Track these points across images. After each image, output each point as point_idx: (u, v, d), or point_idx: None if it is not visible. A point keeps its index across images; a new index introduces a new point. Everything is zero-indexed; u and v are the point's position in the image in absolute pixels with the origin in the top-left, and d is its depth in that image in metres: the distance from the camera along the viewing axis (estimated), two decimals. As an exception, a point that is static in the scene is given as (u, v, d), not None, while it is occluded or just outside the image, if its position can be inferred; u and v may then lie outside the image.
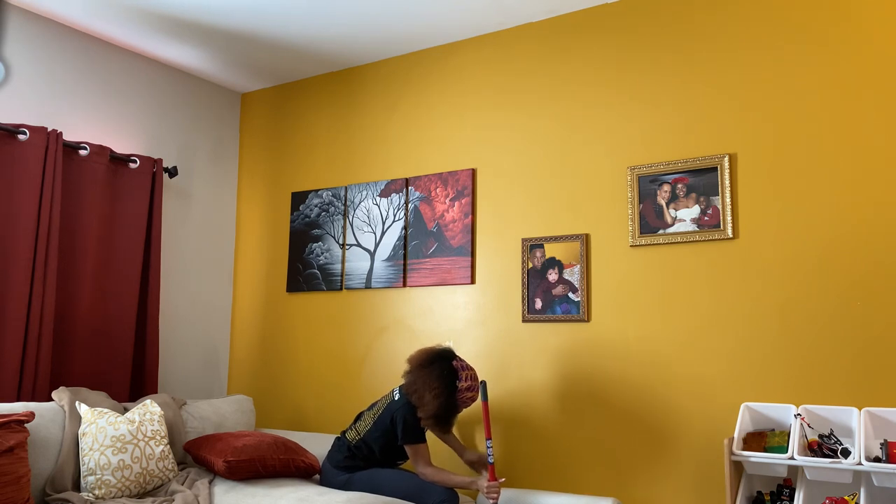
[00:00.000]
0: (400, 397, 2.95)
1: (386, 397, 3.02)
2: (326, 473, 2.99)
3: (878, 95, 2.69)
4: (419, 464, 2.84)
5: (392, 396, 2.99)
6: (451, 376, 2.83)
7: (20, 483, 2.48)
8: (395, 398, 2.96)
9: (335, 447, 3.03)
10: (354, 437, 2.97)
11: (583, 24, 3.36)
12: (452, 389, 2.82)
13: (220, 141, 4.40)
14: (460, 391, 2.84)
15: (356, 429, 3.00)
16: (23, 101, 3.42)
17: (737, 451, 2.51)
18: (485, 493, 2.76)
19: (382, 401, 3.01)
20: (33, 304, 3.21)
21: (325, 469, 3.01)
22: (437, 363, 2.87)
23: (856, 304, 2.64)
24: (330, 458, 3.00)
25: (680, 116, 3.07)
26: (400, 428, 2.88)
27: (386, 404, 2.97)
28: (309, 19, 3.51)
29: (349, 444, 2.98)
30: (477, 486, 2.76)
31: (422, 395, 2.84)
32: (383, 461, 2.95)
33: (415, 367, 2.92)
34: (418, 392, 2.86)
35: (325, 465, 3.01)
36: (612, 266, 3.14)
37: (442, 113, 3.72)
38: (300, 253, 4.09)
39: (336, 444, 3.03)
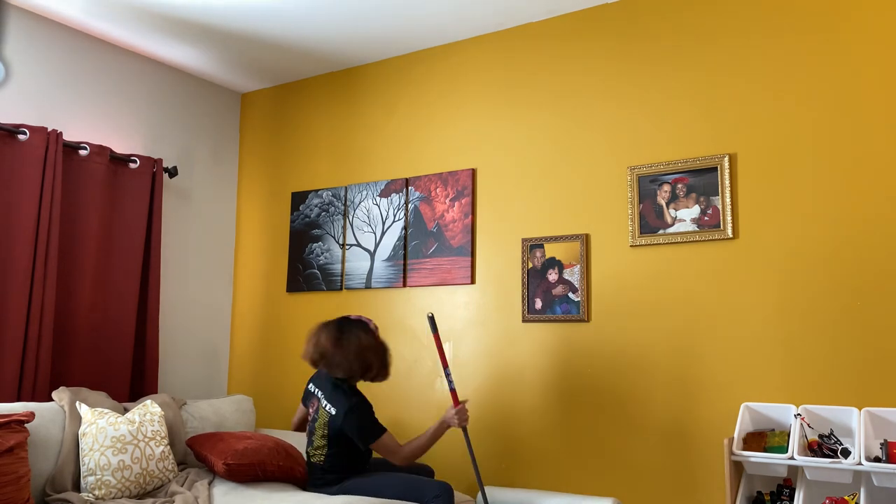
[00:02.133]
0: (337, 408, 2.79)
1: (318, 415, 2.85)
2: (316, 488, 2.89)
3: (878, 95, 2.69)
4: (392, 451, 2.75)
5: (328, 412, 2.81)
6: (364, 329, 2.88)
7: (20, 483, 2.48)
8: (332, 413, 2.80)
9: (309, 469, 2.92)
10: (320, 459, 2.85)
11: (583, 24, 3.36)
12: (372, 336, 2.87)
13: (220, 141, 4.40)
14: (376, 333, 2.92)
15: (316, 451, 2.86)
16: (23, 101, 3.42)
17: (737, 451, 2.51)
18: (455, 422, 2.78)
19: (319, 420, 2.84)
20: (33, 304, 3.21)
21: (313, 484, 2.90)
22: (344, 332, 2.84)
23: (856, 303, 2.64)
24: (312, 480, 2.89)
25: (680, 116, 3.07)
26: (358, 434, 2.76)
27: (327, 423, 2.81)
28: (309, 19, 3.51)
29: (321, 466, 2.85)
30: (447, 423, 2.79)
31: (367, 364, 2.82)
32: (363, 463, 2.89)
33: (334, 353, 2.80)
34: (360, 364, 2.80)
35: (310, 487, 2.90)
36: (612, 266, 3.14)
37: (442, 113, 3.72)
38: (300, 253, 4.09)
39: (310, 469, 2.91)
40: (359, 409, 2.78)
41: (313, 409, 2.91)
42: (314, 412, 2.90)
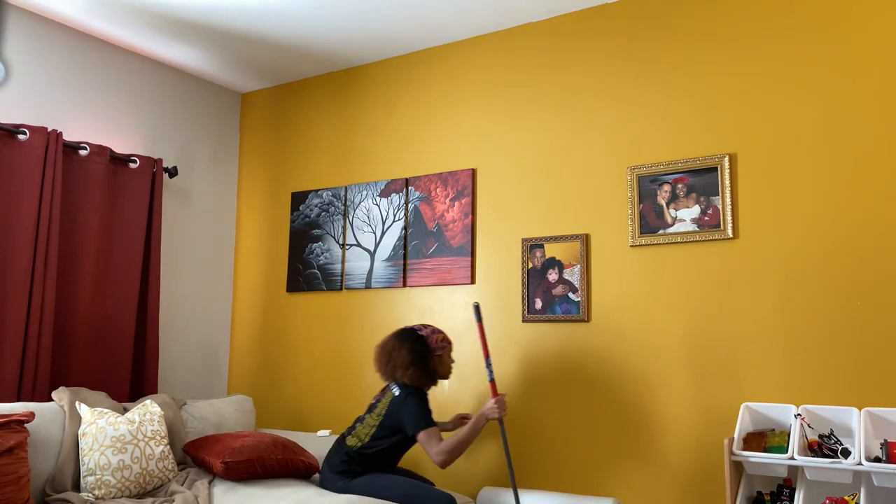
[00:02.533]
0: (400, 391, 2.89)
1: (384, 397, 2.95)
2: (325, 478, 2.94)
3: (878, 95, 2.69)
4: (434, 446, 2.77)
5: (392, 392, 2.92)
6: (418, 337, 2.94)
7: (20, 483, 2.48)
8: (395, 393, 2.90)
9: (335, 451, 2.96)
10: (356, 444, 2.90)
11: (583, 24, 3.36)
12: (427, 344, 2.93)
13: (220, 141, 4.40)
14: (433, 341, 2.94)
15: (357, 435, 2.93)
16: (23, 101, 3.42)
17: (737, 451, 2.51)
18: (496, 414, 2.83)
19: (382, 401, 2.94)
20: (33, 304, 3.21)
21: (323, 473, 2.96)
22: (403, 340, 2.94)
23: (856, 303, 2.64)
24: (329, 462, 2.95)
25: (680, 116, 3.07)
26: (410, 419, 2.81)
27: (388, 403, 2.90)
28: (309, 19, 3.51)
29: (349, 451, 2.91)
30: (487, 415, 2.84)
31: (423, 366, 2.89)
32: (385, 465, 2.93)
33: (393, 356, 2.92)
34: (415, 366, 2.87)
35: (324, 469, 2.96)
36: (612, 266, 3.14)
37: (442, 113, 3.72)
38: (300, 253, 4.09)
39: (336, 448, 2.97)
40: (418, 395, 2.87)
41: (376, 399, 3.01)
42: (377, 398, 3.00)
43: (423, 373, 2.89)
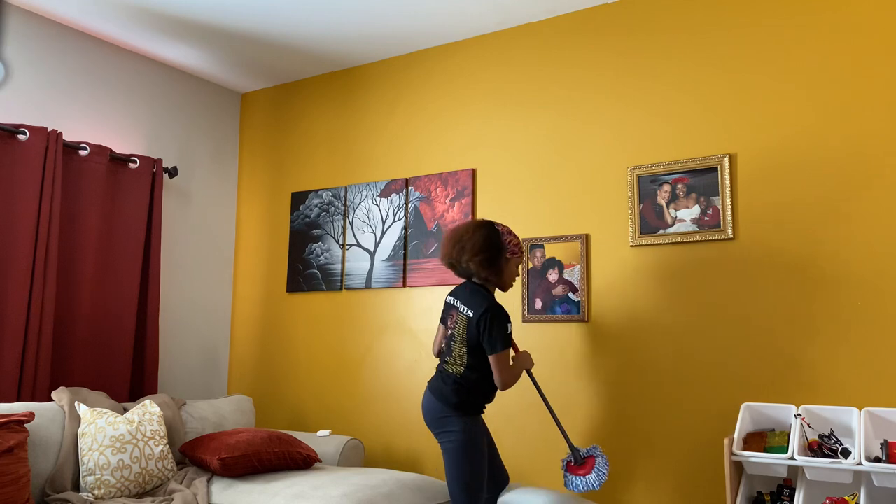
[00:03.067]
0: (473, 311, 2.62)
1: (459, 322, 2.67)
2: (438, 411, 2.61)
3: (878, 95, 2.69)
4: (504, 371, 2.59)
5: (466, 316, 2.64)
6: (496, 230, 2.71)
7: (20, 483, 2.48)
8: (469, 315, 2.63)
9: (440, 381, 2.64)
10: (459, 371, 2.62)
11: (583, 24, 3.36)
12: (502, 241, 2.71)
13: (220, 141, 4.40)
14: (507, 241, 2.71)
15: (454, 363, 2.64)
16: (23, 101, 3.42)
17: (737, 451, 2.50)
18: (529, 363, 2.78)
19: (458, 327, 2.66)
20: (33, 304, 3.21)
21: (434, 407, 2.62)
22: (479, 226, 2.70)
23: (856, 303, 2.64)
24: (441, 395, 2.62)
25: (680, 116, 3.06)
26: (488, 337, 2.58)
27: (465, 326, 2.64)
28: (309, 19, 3.51)
29: (456, 378, 2.62)
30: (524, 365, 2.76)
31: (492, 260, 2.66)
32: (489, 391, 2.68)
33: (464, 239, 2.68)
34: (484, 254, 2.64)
35: (437, 404, 2.61)
36: (612, 266, 3.14)
37: (442, 113, 3.72)
38: (300, 253, 4.09)
39: (441, 378, 2.65)
40: (495, 311, 2.60)
41: (452, 320, 2.71)
42: (453, 323, 2.70)
43: (489, 267, 2.66)
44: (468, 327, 2.63)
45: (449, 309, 2.76)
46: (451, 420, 2.59)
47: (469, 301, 2.67)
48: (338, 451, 3.36)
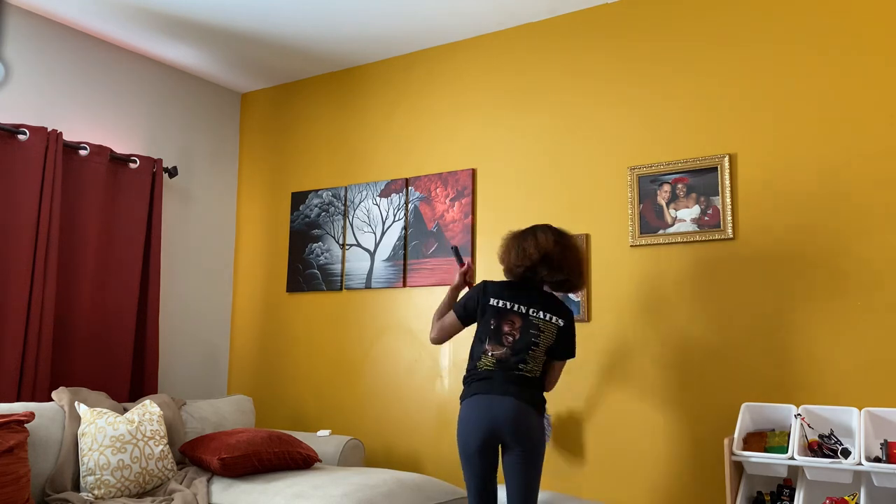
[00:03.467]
0: (565, 319, 2.60)
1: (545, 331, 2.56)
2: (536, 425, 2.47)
3: (878, 95, 2.69)
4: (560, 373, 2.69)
5: (556, 325, 2.58)
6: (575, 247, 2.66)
7: (20, 483, 2.48)
8: (560, 325, 2.59)
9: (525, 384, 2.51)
10: (536, 373, 2.55)
11: (583, 24, 3.36)
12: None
13: (220, 141, 4.40)
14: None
15: (533, 367, 2.53)
16: (23, 101, 3.42)
17: (737, 451, 2.50)
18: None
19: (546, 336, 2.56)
20: (33, 304, 3.21)
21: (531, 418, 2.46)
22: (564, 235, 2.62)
23: (856, 303, 2.64)
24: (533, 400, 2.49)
25: (680, 116, 3.06)
26: (573, 346, 2.66)
27: (555, 335, 2.58)
28: (309, 19, 3.51)
29: (535, 382, 2.54)
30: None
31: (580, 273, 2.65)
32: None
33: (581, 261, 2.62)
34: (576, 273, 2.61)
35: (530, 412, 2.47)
36: (612, 266, 3.14)
37: (442, 113, 3.72)
38: (300, 253, 4.09)
39: (523, 381, 2.51)
40: (573, 317, 2.68)
41: (515, 326, 2.55)
42: (523, 328, 2.55)
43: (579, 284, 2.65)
44: (559, 336, 2.59)
45: (507, 314, 2.57)
46: (538, 424, 2.50)
47: (554, 309, 2.60)
48: (338, 451, 3.36)
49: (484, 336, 2.59)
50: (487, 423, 2.44)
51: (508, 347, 2.54)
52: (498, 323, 2.58)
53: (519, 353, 2.53)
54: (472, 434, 2.45)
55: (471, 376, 2.56)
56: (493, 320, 2.58)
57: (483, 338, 2.59)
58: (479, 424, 2.45)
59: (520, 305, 2.59)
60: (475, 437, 2.45)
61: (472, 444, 2.46)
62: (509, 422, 2.43)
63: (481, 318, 2.63)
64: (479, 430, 2.44)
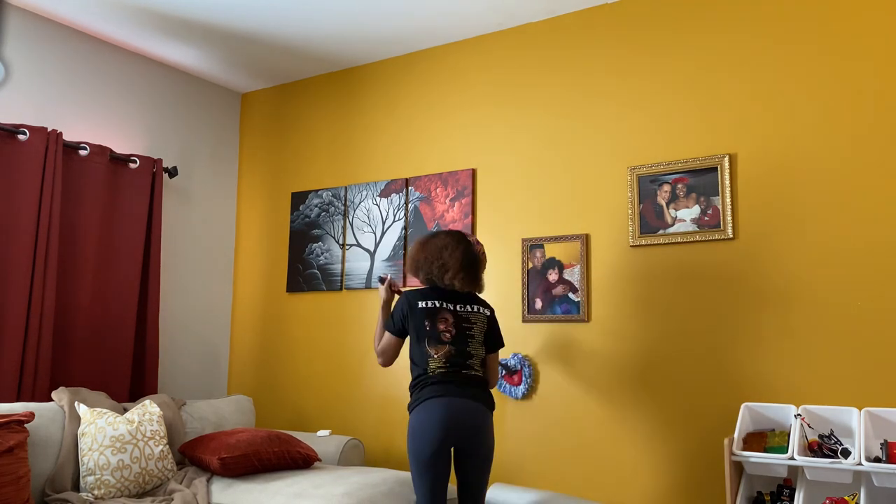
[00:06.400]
0: (489, 309, 2.70)
1: (477, 323, 2.63)
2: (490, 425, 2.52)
3: (878, 94, 2.69)
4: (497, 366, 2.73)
5: (484, 315, 2.67)
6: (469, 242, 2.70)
7: (20, 483, 2.48)
8: (488, 314, 2.68)
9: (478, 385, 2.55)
10: (479, 371, 2.58)
11: (583, 24, 3.36)
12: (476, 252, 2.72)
13: (220, 141, 4.40)
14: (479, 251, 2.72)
15: (477, 367, 2.58)
16: (23, 101, 3.42)
17: (737, 451, 2.50)
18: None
19: (476, 326, 2.62)
20: (33, 304, 3.21)
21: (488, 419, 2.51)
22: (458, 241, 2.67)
23: (856, 303, 2.63)
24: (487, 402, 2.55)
25: (680, 116, 3.06)
26: (500, 336, 2.73)
27: (486, 324, 2.65)
28: (309, 19, 3.51)
29: (484, 381, 2.59)
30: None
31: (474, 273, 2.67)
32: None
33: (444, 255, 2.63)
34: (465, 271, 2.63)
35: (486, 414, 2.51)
36: (612, 266, 3.14)
37: (442, 113, 3.72)
38: (300, 253, 4.09)
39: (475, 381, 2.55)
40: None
41: (448, 322, 2.58)
42: (455, 323, 2.58)
43: (473, 280, 2.65)
44: (489, 325, 2.66)
45: (438, 312, 2.59)
46: (491, 424, 2.54)
47: (476, 301, 2.69)
48: (338, 451, 3.36)
49: (422, 338, 2.58)
50: (445, 427, 2.41)
51: (449, 343, 2.55)
52: (432, 322, 2.58)
53: (461, 348, 2.55)
54: (431, 439, 2.41)
55: (421, 382, 2.53)
56: (427, 321, 2.58)
57: (421, 340, 2.58)
58: (437, 429, 2.41)
59: (446, 303, 2.62)
60: (435, 441, 2.41)
61: (428, 449, 2.41)
62: (470, 425, 2.43)
63: (413, 322, 2.62)
64: (438, 434, 2.41)
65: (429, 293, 2.66)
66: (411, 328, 2.63)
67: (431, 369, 2.52)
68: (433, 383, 2.50)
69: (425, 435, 2.43)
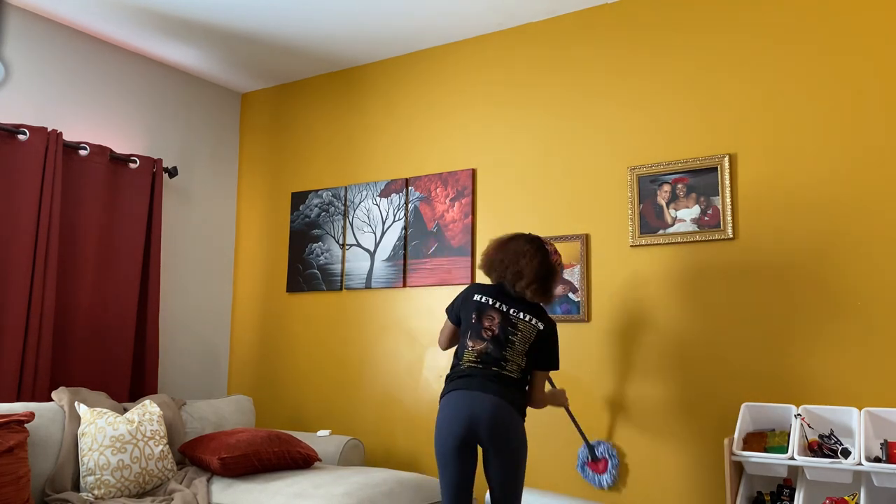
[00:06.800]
0: (545, 325, 2.56)
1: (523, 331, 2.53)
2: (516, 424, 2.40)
3: (878, 95, 2.69)
4: (543, 388, 2.61)
5: (536, 327, 2.54)
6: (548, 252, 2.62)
7: (20, 483, 2.48)
8: (541, 328, 2.54)
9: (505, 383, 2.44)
10: (516, 375, 2.49)
11: (583, 24, 3.36)
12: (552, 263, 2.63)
13: (220, 141, 4.40)
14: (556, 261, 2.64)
15: (513, 369, 2.48)
16: (23, 101, 3.42)
17: (737, 451, 2.50)
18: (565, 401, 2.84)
19: (522, 336, 2.52)
20: (33, 305, 3.21)
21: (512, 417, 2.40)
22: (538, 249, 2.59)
23: (856, 303, 2.64)
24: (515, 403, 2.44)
25: (680, 116, 3.06)
26: (556, 355, 2.58)
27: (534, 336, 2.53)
28: (309, 19, 3.51)
29: (516, 383, 2.48)
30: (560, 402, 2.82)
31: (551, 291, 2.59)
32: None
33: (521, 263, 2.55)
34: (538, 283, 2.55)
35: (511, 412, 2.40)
36: (612, 266, 3.14)
37: (442, 113, 3.72)
38: (300, 253, 4.09)
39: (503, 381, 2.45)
40: (556, 329, 2.65)
41: (494, 321, 2.53)
42: (501, 323, 2.52)
43: (545, 294, 2.57)
44: (538, 338, 2.53)
45: (487, 309, 2.56)
46: (522, 426, 2.43)
47: (534, 311, 2.57)
48: (338, 451, 3.36)
49: (465, 330, 2.57)
50: (465, 419, 2.36)
51: (488, 341, 2.50)
52: (479, 317, 2.56)
53: (498, 348, 2.48)
54: (449, 432, 2.38)
55: (452, 373, 2.52)
56: (474, 314, 2.57)
57: (465, 332, 2.57)
58: (456, 421, 2.37)
59: (501, 303, 2.57)
60: (452, 434, 2.37)
61: (448, 442, 2.38)
62: (488, 419, 2.35)
63: (464, 313, 2.61)
64: (457, 427, 2.36)
65: (490, 290, 2.61)
66: (463, 318, 2.61)
67: (464, 362, 2.50)
68: (460, 376, 2.47)
69: (443, 429, 2.40)
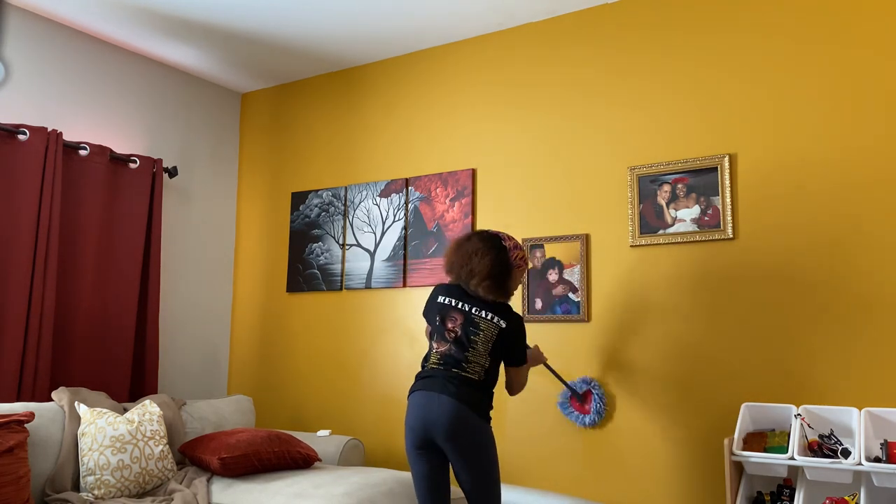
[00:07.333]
0: (507, 322, 2.54)
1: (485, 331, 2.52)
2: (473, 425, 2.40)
3: (878, 95, 2.69)
4: (523, 378, 2.64)
5: (498, 325, 2.53)
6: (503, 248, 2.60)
7: (20, 483, 2.48)
8: (503, 326, 2.53)
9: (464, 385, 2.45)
10: (479, 376, 2.48)
11: (583, 24, 3.36)
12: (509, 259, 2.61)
13: (220, 141, 4.40)
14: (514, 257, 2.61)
15: (475, 369, 2.48)
16: (23, 101, 3.42)
17: (737, 451, 2.50)
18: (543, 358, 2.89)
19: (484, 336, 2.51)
20: (33, 305, 3.21)
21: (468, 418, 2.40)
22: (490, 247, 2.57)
23: (857, 302, 2.63)
24: (473, 404, 2.42)
25: (680, 116, 3.06)
26: (520, 349, 2.59)
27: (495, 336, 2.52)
28: (309, 19, 3.51)
29: (482, 386, 2.47)
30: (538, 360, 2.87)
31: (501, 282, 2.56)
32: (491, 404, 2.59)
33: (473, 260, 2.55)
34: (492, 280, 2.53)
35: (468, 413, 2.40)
36: (612, 266, 3.14)
37: (442, 113, 3.72)
38: (300, 253, 4.09)
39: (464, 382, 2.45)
40: (522, 323, 2.61)
41: (457, 322, 2.54)
42: (464, 324, 2.53)
43: (498, 289, 2.55)
44: (500, 337, 2.53)
45: (450, 311, 2.57)
46: (483, 427, 2.42)
47: (497, 310, 2.56)
48: (338, 451, 3.36)
49: (432, 333, 2.61)
50: (421, 419, 2.42)
51: (451, 343, 2.52)
52: (442, 319, 2.57)
53: (460, 350, 2.50)
54: (409, 430, 2.46)
55: (418, 374, 2.56)
56: (438, 316, 2.59)
57: (432, 335, 2.61)
58: (416, 421, 2.43)
59: (463, 303, 2.57)
60: (413, 433, 2.45)
61: (409, 441, 2.47)
62: (443, 420, 2.38)
63: (430, 315, 2.63)
64: (417, 426, 2.43)
65: (453, 290, 2.62)
66: (429, 320, 2.64)
67: (429, 364, 2.54)
68: (423, 377, 2.52)
69: (406, 428, 2.48)
